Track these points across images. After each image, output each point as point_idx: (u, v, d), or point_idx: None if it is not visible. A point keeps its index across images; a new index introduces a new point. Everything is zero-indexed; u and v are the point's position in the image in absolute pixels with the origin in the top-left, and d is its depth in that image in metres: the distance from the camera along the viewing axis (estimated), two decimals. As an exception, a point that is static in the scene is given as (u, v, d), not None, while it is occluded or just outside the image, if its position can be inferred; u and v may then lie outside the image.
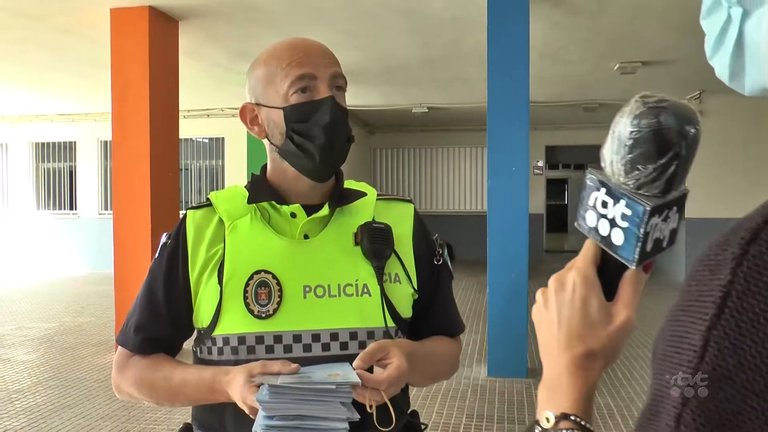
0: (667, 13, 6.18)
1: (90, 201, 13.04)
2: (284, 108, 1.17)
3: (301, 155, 1.18)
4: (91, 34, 6.63)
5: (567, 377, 0.64)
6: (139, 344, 1.24)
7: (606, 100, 10.98)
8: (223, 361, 1.15)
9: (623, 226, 0.65)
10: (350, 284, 1.19)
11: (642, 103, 0.63)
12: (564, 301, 0.66)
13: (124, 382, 1.24)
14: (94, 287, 10.73)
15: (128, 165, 5.99)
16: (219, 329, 1.16)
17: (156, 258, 1.25)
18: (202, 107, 11.61)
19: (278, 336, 1.14)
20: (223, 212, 1.22)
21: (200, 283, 1.19)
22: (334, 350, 1.15)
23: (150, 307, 1.23)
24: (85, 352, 6.38)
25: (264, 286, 1.15)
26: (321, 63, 1.18)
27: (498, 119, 5.47)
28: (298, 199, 1.23)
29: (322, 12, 6.13)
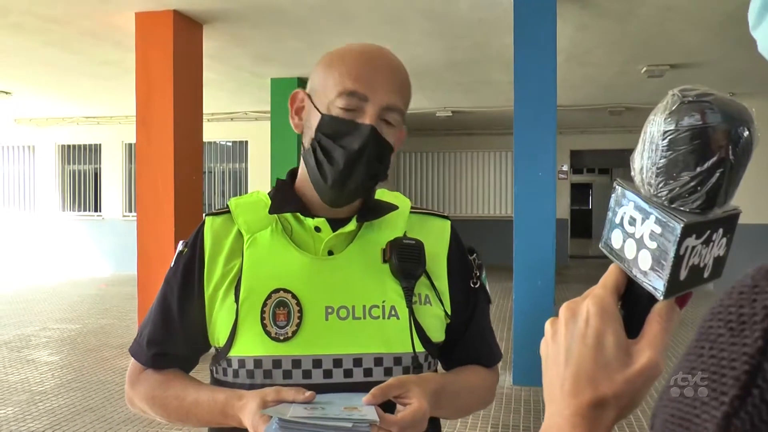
0: (698, 14, 6.05)
1: (114, 203, 13.16)
2: (323, 116, 1.09)
3: (316, 171, 1.10)
4: (117, 37, 6.67)
5: (570, 429, 0.51)
6: (152, 359, 1.17)
7: (632, 103, 10.82)
8: (239, 384, 1.08)
9: (651, 247, 0.53)
10: (376, 306, 1.09)
11: (680, 97, 0.52)
12: (575, 335, 0.54)
13: (136, 397, 1.18)
14: (117, 289, 10.81)
15: (152, 168, 6.00)
16: (234, 350, 1.09)
17: (172, 267, 1.18)
18: (226, 110, 11.65)
19: (297, 360, 1.06)
20: (242, 224, 1.13)
21: (215, 299, 1.11)
22: (357, 377, 1.07)
23: (164, 321, 1.16)
24: (107, 354, 6.39)
25: (283, 307, 1.07)
26: (381, 88, 1.07)
27: (525, 123, 5.39)
28: (323, 211, 1.14)
29: (348, 15, 6.09)
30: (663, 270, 0.52)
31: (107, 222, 13.20)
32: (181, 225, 6.04)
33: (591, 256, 17.80)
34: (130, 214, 12.91)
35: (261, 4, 5.81)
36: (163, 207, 5.96)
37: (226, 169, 13.08)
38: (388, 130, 1.10)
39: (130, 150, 12.92)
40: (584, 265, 15.17)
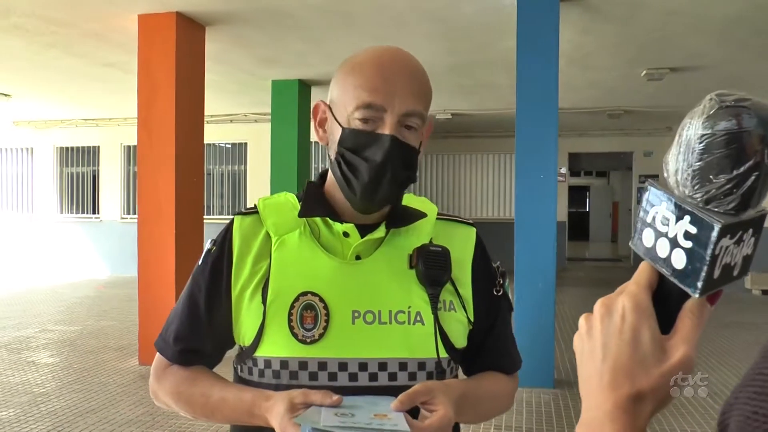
0: (699, 19, 6.08)
1: (112, 205, 13.15)
2: (344, 129, 1.09)
3: (343, 183, 1.11)
4: (119, 39, 6.67)
5: (610, 422, 0.53)
6: (178, 355, 1.18)
7: (631, 106, 10.86)
8: (264, 384, 1.10)
9: (686, 247, 0.55)
10: (402, 311, 1.10)
11: (718, 101, 0.54)
12: (611, 330, 0.56)
13: (161, 391, 1.19)
14: (116, 291, 10.79)
15: (154, 170, 5.99)
16: (261, 351, 1.10)
17: (200, 264, 1.18)
18: (226, 112, 11.65)
19: (323, 363, 1.08)
20: (271, 225, 1.14)
21: (242, 299, 1.12)
22: (381, 381, 1.08)
23: (191, 318, 1.17)
24: (108, 356, 6.38)
25: (310, 309, 1.08)
26: (398, 94, 1.06)
27: (526, 126, 5.41)
28: (352, 216, 1.14)
29: (352, 18, 6.10)
30: (698, 269, 0.54)
31: (105, 224, 13.18)
32: (182, 227, 6.04)
33: (588, 258, 17.84)
34: (129, 216, 12.90)
35: (264, 6, 5.82)
36: (164, 209, 5.95)
37: (225, 171, 13.08)
38: (410, 135, 1.09)
39: (129, 152, 12.91)
40: (582, 268, 15.20)
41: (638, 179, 14.35)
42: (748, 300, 10.16)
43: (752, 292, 10.62)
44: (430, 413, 1.01)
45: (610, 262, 16.86)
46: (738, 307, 9.43)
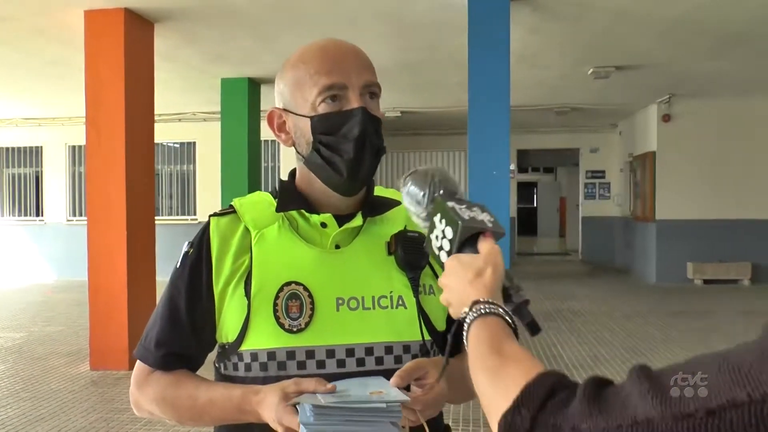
0: (643, 20, 6.27)
1: (57, 207, 12.76)
2: (311, 117, 1.11)
3: (328, 168, 1.12)
4: (65, 35, 6.48)
5: (471, 286, 0.87)
6: (161, 360, 1.16)
7: (578, 104, 11.11)
8: (251, 378, 1.09)
9: (461, 217, 0.95)
10: (384, 296, 1.14)
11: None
12: (467, 261, 0.93)
13: (145, 400, 1.17)
14: (63, 295, 10.49)
15: (103, 170, 5.84)
16: (246, 344, 1.10)
17: (178, 268, 1.18)
18: (174, 111, 11.44)
19: (310, 351, 1.09)
20: (249, 221, 1.15)
21: (225, 295, 1.12)
22: (369, 365, 1.10)
23: (172, 321, 1.16)
24: (57, 362, 6.21)
25: (295, 299, 1.10)
26: (353, 70, 1.11)
27: (479, 123, 5.48)
28: (328, 208, 1.17)
29: (302, 15, 6.07)
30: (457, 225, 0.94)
31: (50, 227, 12.79)
32: (133, 228, 5.91)
33: (537, 253, 18.19)
34: (75, 218, 12.56)
35: (214, 3, 5.74)
36: (115, 210, 5.82)
37: (173, 171, 12.84)
38: (373, 104, 1.14)
39: (75, 152, 12.57)
40: (531, 262, 15.49)
41: (585, 175, 14.70)
42: (692, 289, 10.54)
43: (694, 281, 11.01)
44: (422, 388, 1.04)
45: (558, 256, 17.22)
46: (682, 296, 9.79)
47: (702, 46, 7.25)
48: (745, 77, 9.03)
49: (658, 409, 0.52)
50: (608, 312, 8.56)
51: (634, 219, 12.70)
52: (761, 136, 10.98)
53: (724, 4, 5.89)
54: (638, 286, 11.11)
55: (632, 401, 0.55)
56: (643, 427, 0.53)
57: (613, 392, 0.60)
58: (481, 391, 0.77)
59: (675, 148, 11.16)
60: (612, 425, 0.55)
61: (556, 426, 0.61)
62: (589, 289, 10.75)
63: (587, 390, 0.62)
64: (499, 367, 0.76)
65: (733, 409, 0.48)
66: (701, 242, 11.15)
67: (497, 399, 0.72)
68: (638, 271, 12.38)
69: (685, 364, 0.55)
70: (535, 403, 0.65)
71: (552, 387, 0.66)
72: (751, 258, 11.04)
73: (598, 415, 0.58)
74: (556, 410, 0.63)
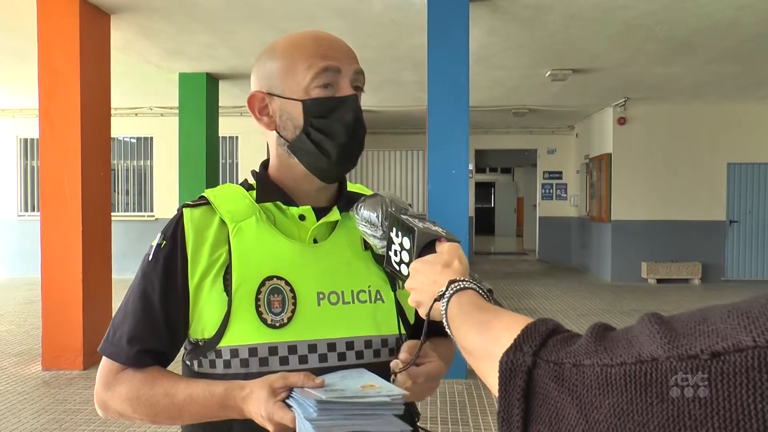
0: (599, 24, 6.39)
1: (8, 202, 12.39)
2: (304, 101, 1.11)
3: (316, 153, 1.12)
4: (14, 24, 6.31)
5: (441, 276, 0.92)
6: (135, 357, 1.11)
7: (536, 105, 11.26)
8: (230, 375, 1.06)
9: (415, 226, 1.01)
10: (363, 290, 1.15)
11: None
12: (431, 259, 0.99)
13: (114, 400, 1.11)
14: (13, 293, 10.19)
15: (57, 164, 5.70)
16: (226, 340, 1.07)
17: (150, 261, 1.13)
18: (131, 105, 11.24)
19: (293, 346, 1.08)
20: (226, 213, 1.13)
21: (201, 290, 1.10)
22: (350, 359, 1.11)
23: (146, 316, 1.11)
24: (5, 362, 6.04)
25: (277, 294, 1.09)
26: (345, 58, 1.13)
27: (438, 123, 5.51)
28: (305, 201, 1.17)
29: (259, 9, 6.03)
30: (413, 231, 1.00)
31: (0, 222, 12.42)
32: (88, 224, 5.78)
33: (494, 252, 18.38)
34: (27, 213, 12.22)
35: (172, -3, 5.67)
36: (70, 205, 5.68)
37: (130, 166, 12.60)
38: (359, 96, 1.16)
39: (27, 145, 12.23)
40: (488, 261, 15.65)
41: (542, 176, 14.92)
42: (645, 288, 10.79)
43: (648, 281, 11.28)
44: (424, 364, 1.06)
45: (515, 255, 17.42)
46: (636, 295, 10.02)
47: (654, 51, 7.43)
48: (694, 83, 9.29)
49: (665, 348, 0.52)
50: (564, 311, 8.71)
51: (590, 219, 12.94)
52: (707, 140, 11.32)
53: (673, 12, 6.06)
54: (594, 285, 11.33)
55: (639, 341, 0.55)
56: (647, 366, 0.53)
57: (621, 333, 0.59)
58: (470, 347, 0.77)
59: (630, 150, 11.42)
60: (615, 362, 0.55)
61: (558, 362, 0.61)
62: (546, 288, 10.91)
63: (595, 330, 0.62)
64: (488, 320, 0.77)
65: (737, 353, 0.48)
66: (655, 242, 11.43)
67: (490, 346, 0.72)
68: (594, 271, 12.63)
69: (696, 311, 0.55)
70: (536, 341, 0.65)
71: (553, 328, 0.67)
72: (701, 258, 11.37)
73: (603, 351, 0.57)
74: (558, 347, 0.62)
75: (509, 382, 0.65)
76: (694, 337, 0.52)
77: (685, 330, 0.53)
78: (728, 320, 0.51)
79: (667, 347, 0.52)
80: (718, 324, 0.51)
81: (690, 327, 0.53)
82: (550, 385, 0.61)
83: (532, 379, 0.63)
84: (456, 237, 1.00)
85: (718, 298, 9.73)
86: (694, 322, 0.54)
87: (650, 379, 0.52)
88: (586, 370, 0.58)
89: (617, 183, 11.51)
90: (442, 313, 0.87)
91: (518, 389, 0.64)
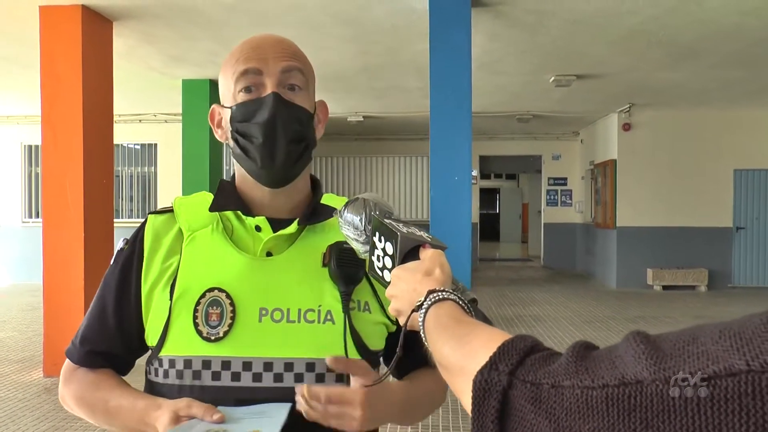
0: (603, 29, 6.37)
1: (12, 208, 12.42)
2: (231, 108, 1.10)
3: (245, 158, 1.10)
4: (17, 32, 6.32)
5: (421, 284, 0.87)
6: (84, 357, 1.14)
7: (540, 111, 11.24)
8: (168, 385, 1.06)
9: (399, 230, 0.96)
10: (312, 310, 1.07)
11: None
12: (412, 266, 0.94)
13: (68, 395, 1.15)
14: (16, 299, 10.19)
15: (60, 171, 5.70)
16: (166, 349, 1.06)
17: (111, 264, 1.15)
18: (134, 112, 11.26)
19: (226, 362, 1.04)
20: (184, 222, 1.12)
21: (152, 297, 1.09)
22: (287, 381, 1.04)
23: (99, 318, 1.13)
24: (7, 369, 6.03)
25: (216, 306, 1.05)
26: (270, 56, 1.08)
27: (441, 129, 5.49)
28: (260, 210, 1.13)
29: (263, 17, 6.02)
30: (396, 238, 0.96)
31: (4, 229, 12.41)
32: (90, 231, 5.78)
33: (499, 258, 18.33)
34: (31, 220, 12.25)
35: (174, 3, 5.67)
36: (72, 212, 5.68)
37: (134, 172, 12.62)
38: (295, 96, 1.10)
39: (31, 152, 12.27)
40: (492, 268, 15.60)
41: (547, 182, 14.88)
42: (651, 295, 10.73)
43: (654, 287, 11.21)
44: None
45: (520, 261, 17.37)
46: (641, 302, 9.96)
47: (658, 57, 7.40)
48: (698, 88, 9.25)
49: (651, 370, 0.49)
50: (569, 317, 8.66)
51: (595, 225, 12.89)
52: (713, 146, 11.26)
53: (677, 18, 6.03)
54: (599, 291, 11.27)
55: (623, 362, 0.52)
56: (631, 389, 0.49)
57: (604, 352, 0.56)
58: (445, 362, 0.74)
59: (635, 156, 11.38)
60: (597, 383, 0.52)
61: (536, 383, 0.57)
62: (551, 294, 10.86)
63: (575, 349, 0.58)
64: (465, 334, 0.73)
65: (730, 378, 0.45)
66: (660, 249, 11.37)
67: (465, 362, 0.68)
68: (599, 277, 12.57)
69: (685, 330, 0.52)
70: (513, 359, 0.61)
71: (532, 345, 0.63)
72: (707, 265, 11.30)
73: (584, 372, 0.54)
74: (536, 367, 0.59)
75: (483, 402, 0.61)
76: (682, 359, 0.48)
77: (673, 351, 0.50)
78: (720, 341, 0.48)
79: (653, 369, 0.49)
80: (708, 345, 0.48)
81: (678, 347, 0.50)
82: (526, 407, 0.58)
83: (507, 400, 0.60)
84: (442, 243, 0.95)
85: (725, 305, 9.66)
86: (682, 342, 0.50)
87: (634, 404, 0.49)
88: (565, 392, 0.54)
89: (622, 189, 11.47)
90: (420, 324, 0.83)
91: (492, 410, 0.60)
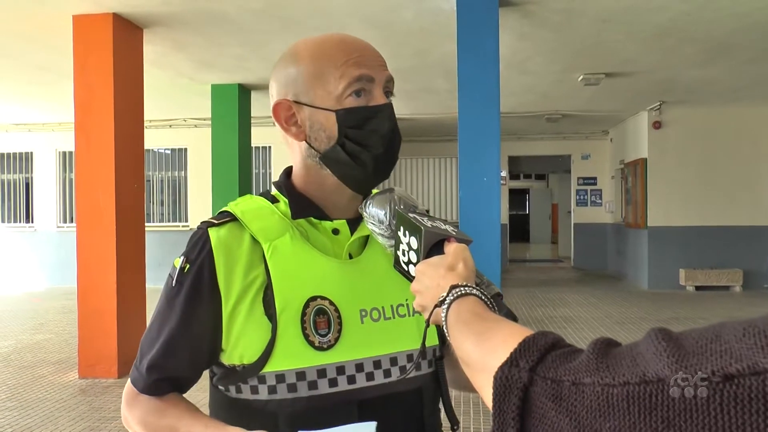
0: (632, 27, 6.29)
1: (48, 214, 12.69)
2: (337, 111, 1.05)
3: (351, 164, 1.07)
4: (52, 41, 6.46)
5: (444, 280, 0.89)
6: (151, 386, 1.11)
7: (569, 110, 11.13)
8: (276, 401, 1.03)
9: (424, 225, 0.97)
10: (402, 304, 1.12)
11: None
12: (437, 261, 0.96)
13: (132, 419, 1.13)
14: (53, 303, 10.41)
15: (92, 176, 5.81)
16: (271, 365, 1.03)
17: (174, 286, 1.08)
18: (165, 117, 11.42)
19: (341, 367, 1.05)
20: (258, 231, 1.06)
21: (237, 315, 1.04)
22: (393, 375, 1.09)
23: (167, 345, 1.08)
24: (45, 370, 6.16)
25: (322, 314, 1.05)
26: (376, 65, 1.08)
27: (469, 130, 5.47)
28: (335, 213, 1.12)
29: (292, 22, 6.07)
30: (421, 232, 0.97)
31: (40, 233, 12.70)
32: (122, 235, 5.88)
33: (529, 260, 18.19)
34: (65, 224, 12.49)
35: (203, 9, 5.74)
36: (104, 217, 5.79)
37: (165, 177, 12.80)
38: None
39: (65, 158, 12.52)
40: (523, 269, 15.49)
41: (577, 182, 14.74)
42: (684, 296, 10.55)
43: (686, 288, 11.03)
44: None
45: (550, 262, 17.22)
46: (674, 302, 9.80)
47: (689, 53, 7.28)
48: (733, 85, 9.08)
49: (673, 367, 0.48)
50: (600, 318, 8.56)
51: (626, 225, 12.72)
52: (749, 143, 11.04)
53: (709, 13, 5.92)
54: (630, 292, 11.12)
55: (644, 359, 0.51)
56: (653, 387, 0.49)
57: (625, 349, 0.56)
58: (467, 358, 0.74)
59: (666, 155, 11.20)
60: (618, 381, 0.52)
61: (556, 379, 0.57)
62: (581, 295, 10.75)
63: (597, 346, 0.58)
64: (486, 330, 0.74)
65: (753, 377, 0.44)
66: (693, 249, 11.18)
67: (486, 358, 0.68)
68: (630, 278, 12.40)
69: (708, 328, 0.51)
70: (533, 356, 0.61)
71: (553, 342, 0.63)
72: (742, 265, 11.07)
73: (605, 369, 0.54)
74: (557, 363, 0.59)
75: (504, 399, 0.61)
76: (704, 357, 0.48)
77: (695, 348, 0.49)
78: (744, 339, 0.47)
79: (674, 367, 0.48)
80: (732, 343, 0.47)
81: (701, 345, 0.49)
82: (547, 404, 0.57)
83: (528, 397, 0.60)
84: (468, 236, 0.96)
85: (761, 306, 9.47)
86: (705, 340, 0.49)
87: (655, 402, 0.48)
88: (585, 390, 0.54)
89: (653, 188, 11.30)
90: (443, 320, 0.84)
91: (513, 407, 0.60)
